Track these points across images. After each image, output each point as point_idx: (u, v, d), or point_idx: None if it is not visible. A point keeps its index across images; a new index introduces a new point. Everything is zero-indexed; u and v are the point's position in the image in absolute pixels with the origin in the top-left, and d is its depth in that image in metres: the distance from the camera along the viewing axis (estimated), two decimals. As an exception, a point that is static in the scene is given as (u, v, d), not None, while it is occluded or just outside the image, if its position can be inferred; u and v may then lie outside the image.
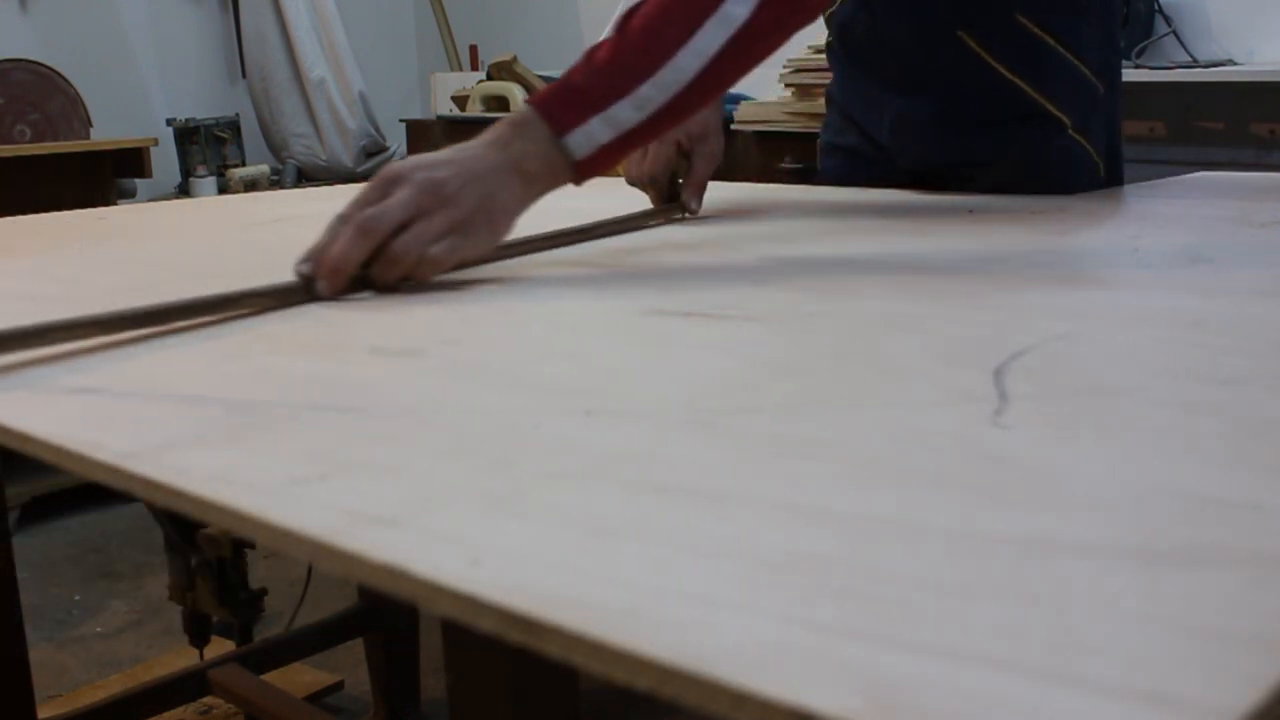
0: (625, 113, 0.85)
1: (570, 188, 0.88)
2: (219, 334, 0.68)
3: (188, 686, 1.66)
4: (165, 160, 3.48)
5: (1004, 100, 1.16)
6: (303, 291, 0.77)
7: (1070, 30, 1.16)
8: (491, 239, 0.84)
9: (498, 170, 0.84)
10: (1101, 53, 1.19)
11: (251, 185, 3.51)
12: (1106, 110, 1.21)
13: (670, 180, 1.14)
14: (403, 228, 0.79)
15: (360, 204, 0.81)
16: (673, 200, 1.13)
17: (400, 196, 0.80)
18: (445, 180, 0.81)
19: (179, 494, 0.42)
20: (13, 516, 2.67)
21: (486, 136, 0.86)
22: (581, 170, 0.86)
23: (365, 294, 0.79)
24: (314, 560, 0.37)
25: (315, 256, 0.78)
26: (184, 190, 3.57)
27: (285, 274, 0.85)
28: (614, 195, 1.16)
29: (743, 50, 0.88)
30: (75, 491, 2.75)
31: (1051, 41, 1.15)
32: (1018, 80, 1.15)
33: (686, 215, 1.12)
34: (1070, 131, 1.17)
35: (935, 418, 0.47)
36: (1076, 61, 1.16)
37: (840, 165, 1.35)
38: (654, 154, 1.12)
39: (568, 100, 0.85)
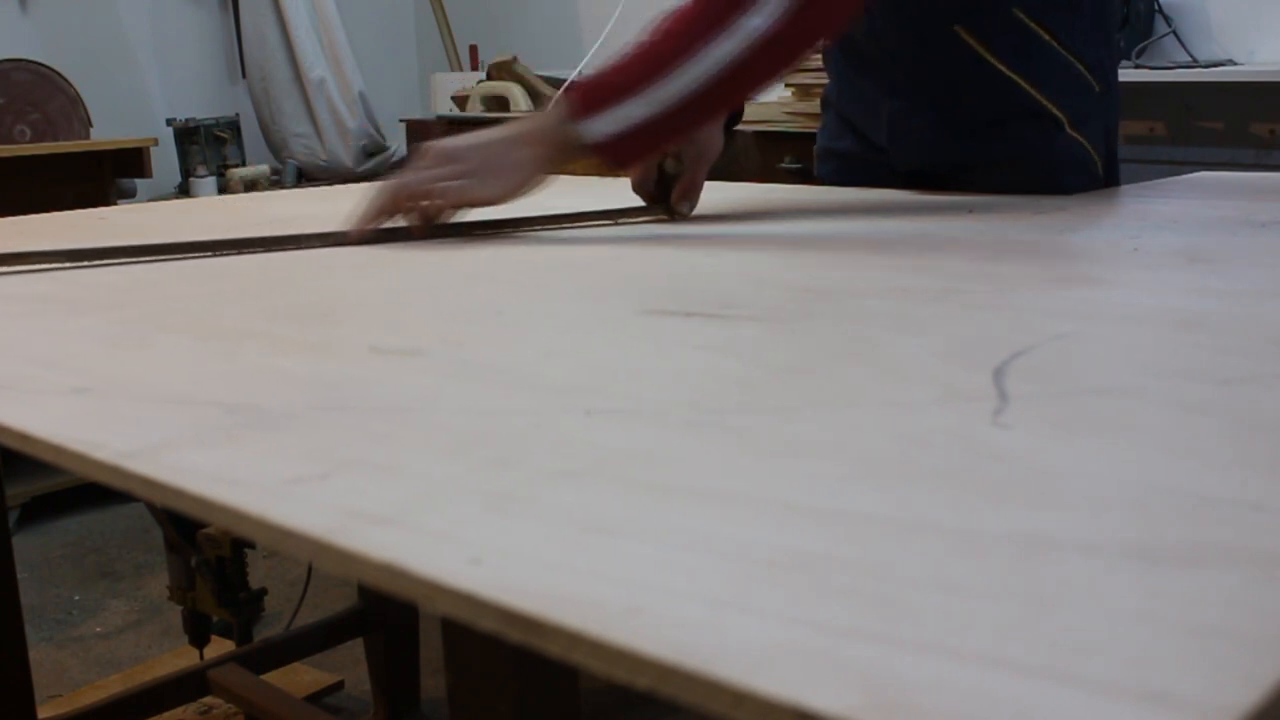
0: (635, 109, 0.94)
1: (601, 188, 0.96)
2: (218, 334, 0.69)
3: (188, 686, 1.66)
4: (165, 160, 3.48)
5: (1002, 97, 1.16)
6: (337, 238, 0.99)
7: (1065, 26, 1.16)
8: (499, 187, 0.99)
9: (508, 138, 0.99)
10: (1097, 52, 1.19)
11: (251, 185, 3.51)
12: (1103, 110, 1.21)
13: (661, 182, 1.13)
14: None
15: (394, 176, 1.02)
16: (665, 201, 1.13)
17: (416, 164, 1.00)
18: (456, 146, 1.00)
19: (179, 494, 0.42)
20: (13, 516, 2.67)
21: (513, 120, 1.02)
22: (601, 153, 0.97)
23: (364, 293, 0.79)
24: (314, 560, 0.37)
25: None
26: (184, 190, 3.56)
27: (282, 271, 0.85)
28: (624, 197, 1.16)
29: (760, 60, 0.93)
30: (75, 491, 2.75)
31: (1047, 37, 1.16)
32: (1015, 77, 1.16)
33: (676, 216, 1.12)
34: (1068, 130, 1.17)
35: (935, 417, 0.47)
36: (1072, 58, 1.17)
37: (837, 170, 1.34)
38: None
39: (589, 91, 0.97)
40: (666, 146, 1.01)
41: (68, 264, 0.93)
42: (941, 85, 1.19)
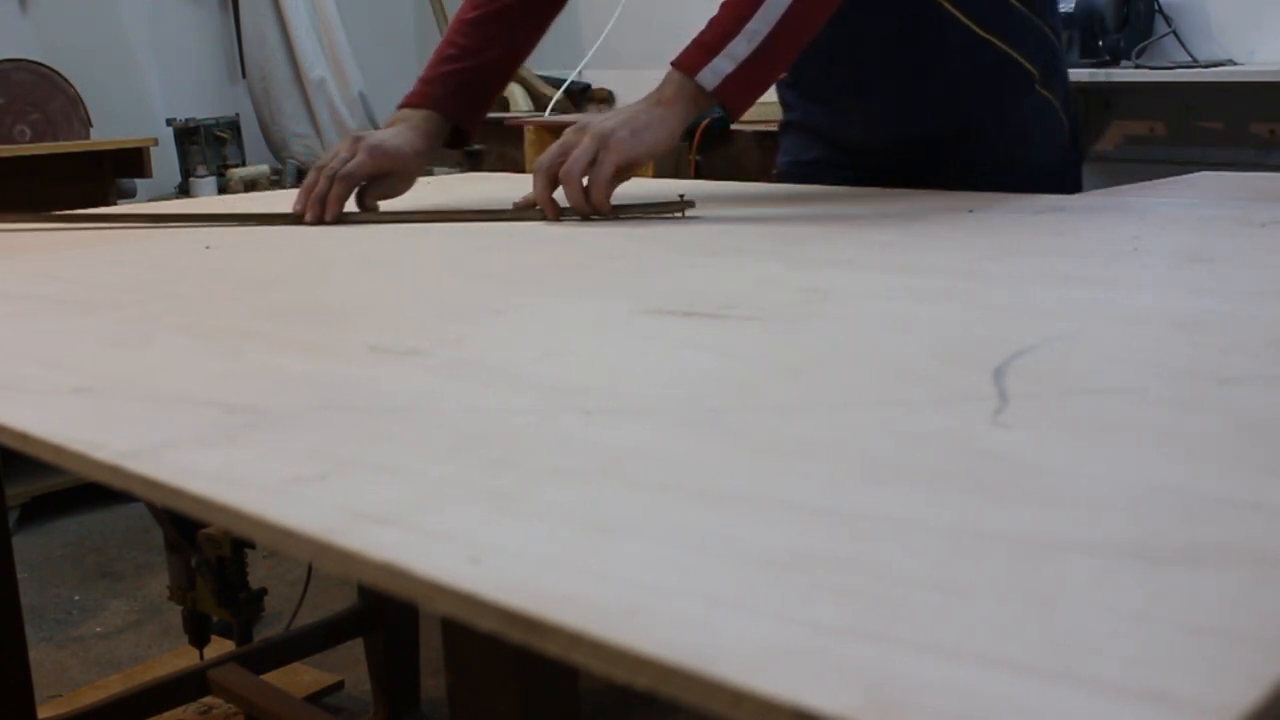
0: (739, 47, 1.07)
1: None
2: (218, 334, 0.69)
3: (188, 686, 1.66)
4: (165, 160, 3.48)
5: (978, 56, 1.25)
6: (518, 211, 1.12)
7: None
8: (639, 145, 1.07)
9: (640, 105, 1.09)
10: (1054, 18, 1.32)
11: (251, 185, 3.51)
12: (1063, 72, 1.33)
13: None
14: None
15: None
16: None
17: (558, 142, 1.09)
18: (591, 120, 1.09)
19: (179, 494, 0.42)
20: (13, 516, 2.67)
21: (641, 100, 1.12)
22: (721, 97, 1.08)
23: (364, 293, 0.79)
24: (314, 559, 0.37)
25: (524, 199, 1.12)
26: (184, 190, 3.56)
27: (282, 271, 0.84)
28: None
29: None
30: (75, 491, 2.75)
31: (1015, 2, 1.26)
32: (991, 37, 1.25)
33: (684, 214, 1.12)
34: (1038, 88, 1.28)
35: (935, 417, 0.47)
36: (1038, 21, 1.28)
37: (806, 177, 1.41)
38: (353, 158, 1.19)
39: (695, 51, 1.09)
40: (770, 82, 1.09)
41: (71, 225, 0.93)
42: (922, 61, 1.26)
